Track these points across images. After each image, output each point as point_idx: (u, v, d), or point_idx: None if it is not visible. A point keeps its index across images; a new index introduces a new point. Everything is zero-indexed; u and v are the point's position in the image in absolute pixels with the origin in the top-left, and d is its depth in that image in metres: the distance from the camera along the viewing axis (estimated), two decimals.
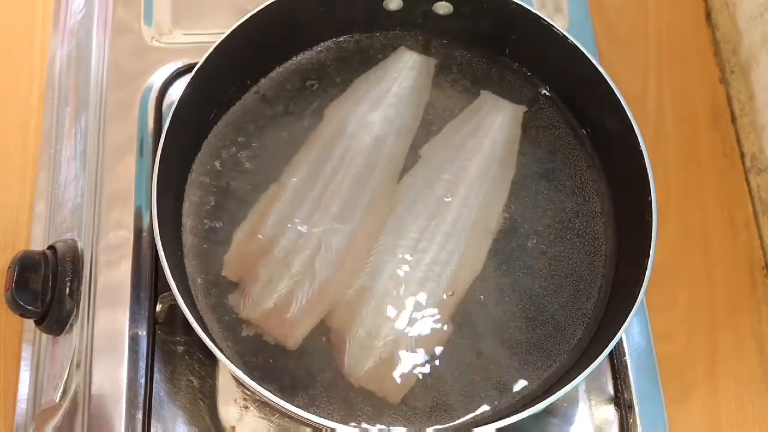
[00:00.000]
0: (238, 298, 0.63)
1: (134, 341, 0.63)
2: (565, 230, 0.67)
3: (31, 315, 0.65)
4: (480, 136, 0.70)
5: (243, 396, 0.64)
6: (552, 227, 0.67)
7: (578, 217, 0.67)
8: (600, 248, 0.66)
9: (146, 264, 0.66)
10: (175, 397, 0.64)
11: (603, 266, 0.66)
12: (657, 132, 0.82)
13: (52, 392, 0.65)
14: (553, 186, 0.68)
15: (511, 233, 0.67)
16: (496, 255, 0.66)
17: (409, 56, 0.73)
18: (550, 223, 0.67)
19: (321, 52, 0.73)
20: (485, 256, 0.66)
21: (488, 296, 0.64)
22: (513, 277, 0.65)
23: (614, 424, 0.65)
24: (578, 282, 0.65)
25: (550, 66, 0.71)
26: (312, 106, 0.71)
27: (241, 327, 0.62)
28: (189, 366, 0.65)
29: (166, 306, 0.63)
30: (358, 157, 0.68)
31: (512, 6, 0.68)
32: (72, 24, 0.81)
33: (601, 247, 0.66)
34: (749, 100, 0.81)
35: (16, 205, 0.77)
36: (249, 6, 0.66)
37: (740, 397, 0.72)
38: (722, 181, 0.80)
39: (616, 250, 0.66)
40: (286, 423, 0.64)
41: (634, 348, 0.66)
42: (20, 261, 0.65)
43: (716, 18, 0.87)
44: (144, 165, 0.70)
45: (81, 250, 0.68)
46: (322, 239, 0.65)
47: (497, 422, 0.55)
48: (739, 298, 0.76)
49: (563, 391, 0.55)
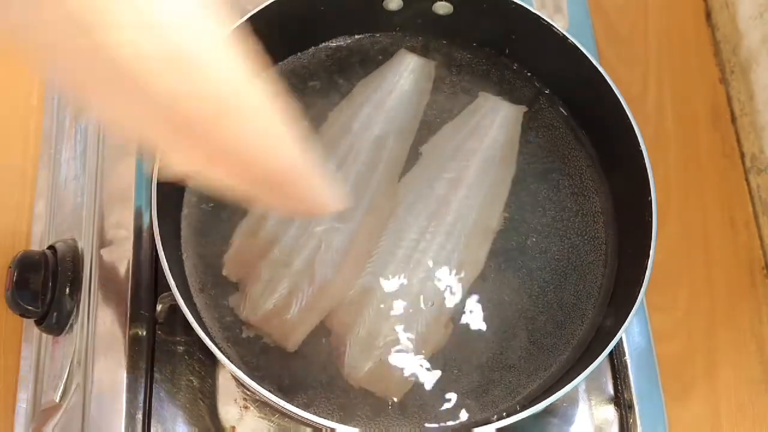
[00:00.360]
0: (238, 299, 0.63)
1: (134, 341, 0.63)
2: (565, 230, 0.67)
3: (31, 315, 0.65)
4: (480, 136, 0.70)
5: (243, 396, 0.64)
6: (552, 227, 0.67)
7: (578, 216, 0.67)
8: (600, 248, 0.66)
9: (146, 264, 0.66)
10: (175, 397, 0.64)
11: (603, 266, 0.66)
12: (657, 132, 0.82)
13: (52, 392, 0.65)
14: (553, 186, 0.68)
15: (511, 233, 0.67)
16: (496, 255, 0.66)
17: (409, 59, 0.73)
18: (550, 223, 0.67)
19: (321, 52, 0.73)
20: (485, 256, 0.66)
21: (488, 296, 0.64)
22: (513, 276, 0.65)
23: (614, 424, 0.65)
24: (578, 282, 0.65)
25: (550, 66, 0.71)
26: (312, 106, 0.71)
27: (241, 327, 0.62)
28: (189, 366, 0.65)
29: (166, 306, 0.63)
30: (360, 157, 0.68)
31: (512, 6, 0.68)
32: None
33: (601, 247, 0.66)
34: (749, 100, 0.81)
35: (16, 205, 0.77)
36: (249, 6, 0.66)
37: (740, 397, 0.72)
38: (722, 181, 0.81)
39: (616, 250, 0.66)
40: (286, 423, 0.64)
41: (634, 348, 0.66)
42: (20, 261, 0.65)
43: (716, 18, 0.87)
44: (144, 165, 0.70)
45: (81, 250, 0.68)
46: (322, 239, 0.64)
47: (497, 422, 0.55)
48: (739, 298, 0.76)
49: (563, 391, 0.55)
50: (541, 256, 0.66)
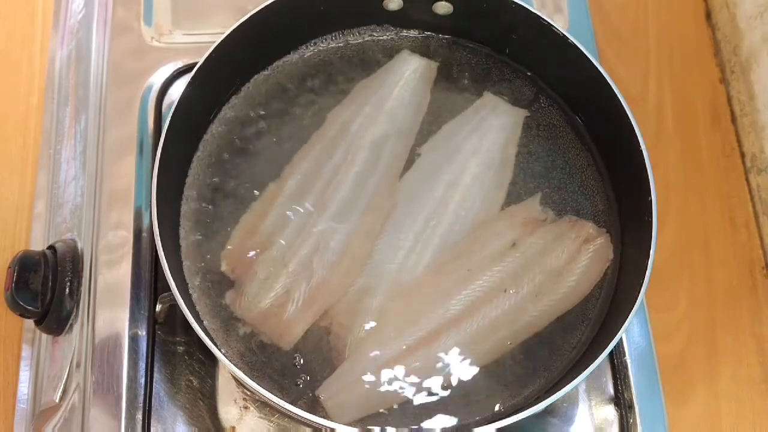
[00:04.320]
0: (234, 296, 0.63)
1: (134, 341, 0.63)
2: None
3: (31, 315, 0.65)
4: (479, 138, 0.69)
5: (243, 396, 0.64)
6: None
7: (578, 216, 0.67)
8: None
9: (146, 264, 0.66)
10: (175, 397, 0.64)
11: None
12: (657, 132, 0.82)
13: (52, 392, 0.65)
14: (552, 185, 0.68)
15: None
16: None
17: (411, 60, 0.73)
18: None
19: (321, 52, 0.73)
20: None
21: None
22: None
23: (614, 424, 0.65)
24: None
25: (550, 66, 0.71)
26: (312, 106, 0.71)
27: (241, 327, 0.62)
28: (189, 366, 0.65)
29: (166, 306, 0.63)
30: (359, 157, 0.68)
31: (512, 6, 0.68)
32: (72, 24, 0.81)
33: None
34: (749, 100, 0.81)
35: (16, 205, 0.77)
36: (249, 6, 0.66)
37: (740, 397, 0.72)
38: (722, 181, 0.80)
39: (617, 250, 0.66)
40: (286, 423, 0.64)
41: (634, 348, 0.66)
42: (20, 261, 0.65)
43: (716, 18, 0.87)
44: (144, 165, 0.70)
45: (81, 250, 0.68)
46: (320, 239, 0.64)
47: (497, 422, 0.55)
48: (739, 298, 0.76)
49: (563, 391, 0.55)
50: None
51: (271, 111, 0.70)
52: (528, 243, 0.65)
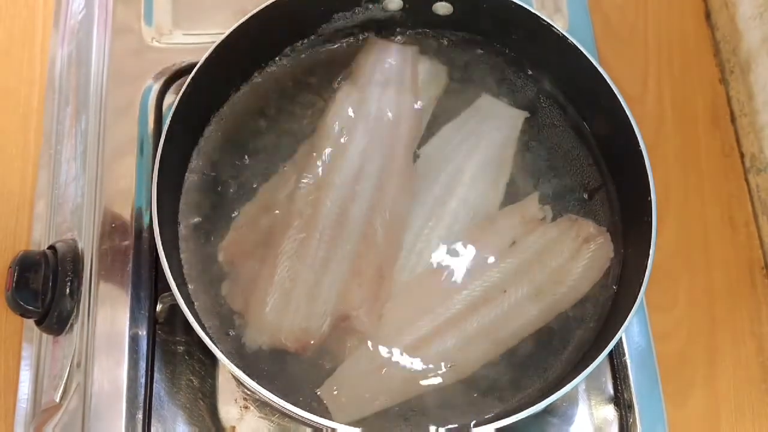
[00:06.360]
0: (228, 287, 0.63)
1: (134, 341, 0.63)
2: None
3: (32, 315, 0.65)
4: (477, 138, 0.69)
5: (243, 396, 0.64)
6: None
7: (577, 216, 0.67)
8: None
9: (146, 264, 0.66)
10: (175, 397, 0.64)
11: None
12: (657, 132, 0.82)
13: (52, 392, 0.65)
14: (551, 185, 0.68)
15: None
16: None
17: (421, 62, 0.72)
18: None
19: (321, 52, 0.73)
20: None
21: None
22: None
23: (614, 424, 0.65)
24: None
25: (550, 66, 0.71)
26: (312, 106, 0.71)
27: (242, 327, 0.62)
28: (189, 366, 0.65)
29: (166, 306, 0.63)
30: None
31: (512, 6, 0.68)
32: (72, 24, 0.81)
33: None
34: (749, 100, 0.81)
35: (16, 205, 0.77)
36: (249, 6, 0.66)
37: (740, 397, 0.72)
38: (722, 181, 0.81)
39: (617, 250, 0.66)
40: (286, 423, 0.64)
41: (634, 348, 0.66)
42: (20, 261, 0.65)
43: (716, 18, 0.87)
44: (144, 165, 0.70)
45: (81, 250, 0.68)
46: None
47: (497, 422, 0.55)
48: (738, 298, 0.76)
49: (563, 391, 0.55)
50: None
51: (271, 110, 0.70)
52: (528, 242, 0.65)
